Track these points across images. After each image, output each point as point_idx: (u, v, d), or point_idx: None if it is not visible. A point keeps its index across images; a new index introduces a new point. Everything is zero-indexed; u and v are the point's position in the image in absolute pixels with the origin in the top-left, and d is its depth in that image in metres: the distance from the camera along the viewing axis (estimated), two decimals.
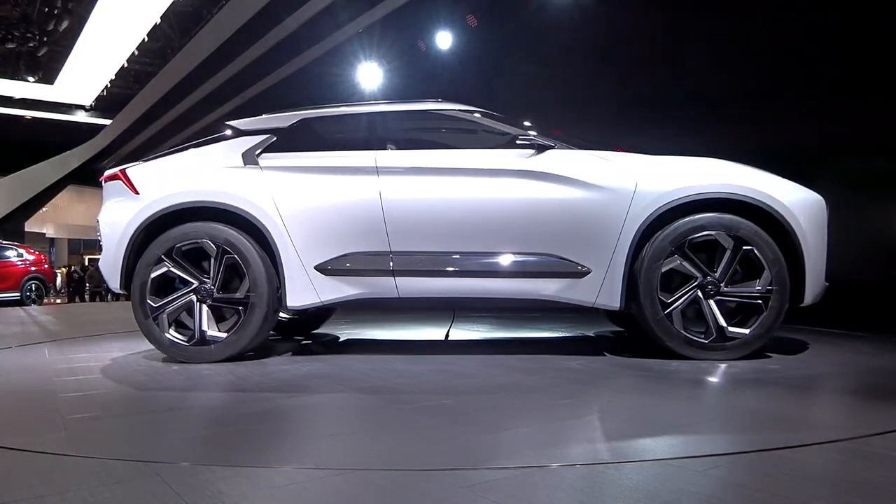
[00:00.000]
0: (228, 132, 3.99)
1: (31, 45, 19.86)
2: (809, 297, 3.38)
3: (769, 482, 1.56)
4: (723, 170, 3.49)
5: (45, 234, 33.35)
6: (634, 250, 3.40)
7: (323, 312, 4.95)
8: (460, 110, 3.87)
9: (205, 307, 3.64)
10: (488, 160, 3.65)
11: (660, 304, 3.36)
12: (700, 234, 3.37)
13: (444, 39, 10.31)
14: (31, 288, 14.54)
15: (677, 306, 3.37)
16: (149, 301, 3.66)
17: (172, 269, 3.67)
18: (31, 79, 22.98)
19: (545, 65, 8.58)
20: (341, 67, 12.02)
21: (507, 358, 3.63)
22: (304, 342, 4.58)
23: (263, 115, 4.04)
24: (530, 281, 3.51)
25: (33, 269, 14.79)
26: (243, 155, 3.83)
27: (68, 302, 21.31)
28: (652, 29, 7.43)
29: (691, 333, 3.38)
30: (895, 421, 2.10)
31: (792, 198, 3.39)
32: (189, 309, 3.67)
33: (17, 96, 24.62)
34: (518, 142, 3.58)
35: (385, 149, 3.78)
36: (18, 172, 25.73)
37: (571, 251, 3.46)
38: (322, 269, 3.63)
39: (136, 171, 3.91)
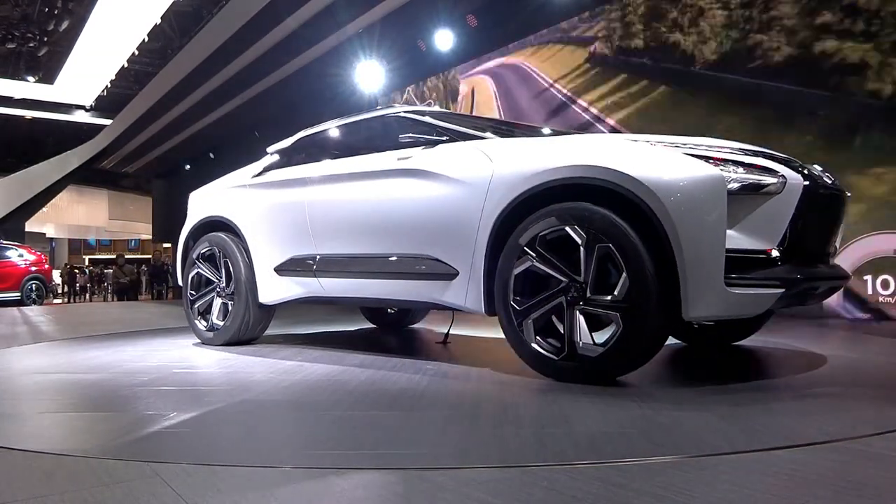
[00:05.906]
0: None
1: (31, 45, 19.83)
2: (693, 308, 2.46)
3: (769, 482, 1.56)
4: (582, 148, 2.85)
5: (45, 234, 33.36)
6: (492, 249, 3.01)
7: (405, 311, 5.44)
8: (411, 111, 3.75)
9: (219, 301, 4.43)
10: (378, 162, 3.64)
11: (512, 312, 2.90)
12: (551, 229, 2.78)
13: (444, 39, 10.30)
14: (32, 288, 14.55)
15: (529, 315, 2.85)
16: (188, 295, 4.62)
17: (200, 270, 4.55)
18: (31, 79, 22.93)
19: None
20: (341, 67, 12.01)
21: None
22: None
23: (290, 137, 4.52)
24: (412, 283, 3.40)
25: (34, 269, 14.79)
26: (248, 176, 4.47)
27: (68, 301, 21.32)
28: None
29: (544, 348, 2.83)
30: (895, 421, 2.09)
31: (660, 176, 2.52)
32: (214, 301, 4.46)
33: (17, 96, 24.56)
34: (400, 139, 3.49)
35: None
36: (18, 172, 25.70)
37: (441, 251, 3.25)
38: (277, 270, 4.16)
39: (193, 193, 4.95)
